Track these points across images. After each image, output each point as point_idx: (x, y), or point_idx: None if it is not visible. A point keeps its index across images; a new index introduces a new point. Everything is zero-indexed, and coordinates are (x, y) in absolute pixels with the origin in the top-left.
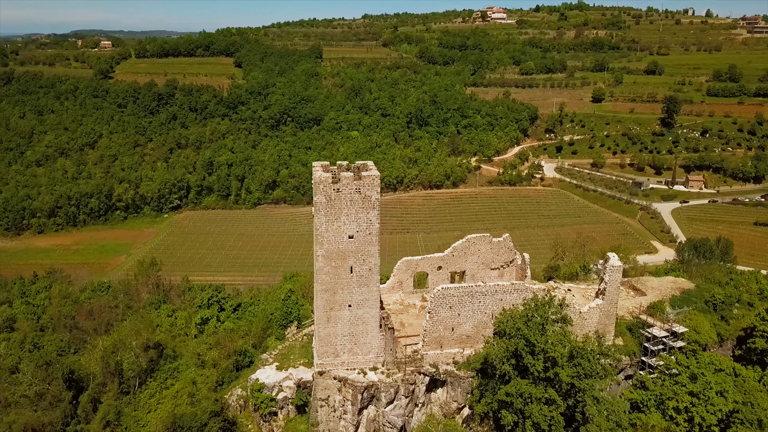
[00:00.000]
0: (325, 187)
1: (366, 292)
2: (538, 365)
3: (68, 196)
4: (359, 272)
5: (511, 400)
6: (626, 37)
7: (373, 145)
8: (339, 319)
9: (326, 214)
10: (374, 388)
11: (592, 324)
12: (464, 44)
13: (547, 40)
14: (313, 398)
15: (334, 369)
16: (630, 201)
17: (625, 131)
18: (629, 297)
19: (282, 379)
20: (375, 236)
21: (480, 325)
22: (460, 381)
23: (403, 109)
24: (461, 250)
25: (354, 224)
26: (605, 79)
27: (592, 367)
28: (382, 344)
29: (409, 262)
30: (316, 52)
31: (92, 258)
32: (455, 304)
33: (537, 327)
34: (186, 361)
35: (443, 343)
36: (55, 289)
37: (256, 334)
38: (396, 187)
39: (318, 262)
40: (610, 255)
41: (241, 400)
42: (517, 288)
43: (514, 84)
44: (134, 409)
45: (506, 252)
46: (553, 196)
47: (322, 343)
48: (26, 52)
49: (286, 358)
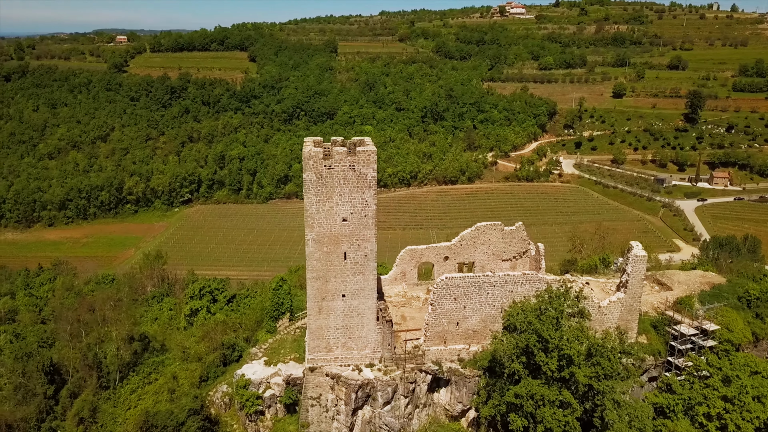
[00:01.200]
0: (315, 163)
1: (361, 281)
2: (551, 364)
3: (79, 189)
4: (354, 259)
5: (521, 402)
6: (648, 32)
7: (386, 140)
8: (332, 310)
9: (317, 194)
10: (370, 387)
11: (612, 320)
12: (482, 39)
13: (567, 35)
14: (304, 397)
15: (326, 365)
16: (652, 198)
17: (647, 127)
18: (653, 291)
19: (270, 375)
20: (371, 219)
21: (488, 319)
22: (466, 380)
23: (418, 103)
24: (470, 239)
25: (348, 205)
26: (626, 74)
27: (612, 366)
28: (380, 338)
29: (413, 252)
30: (330, 47)
31: (101, 251)
32: (460, 295)
33: (551, 321)
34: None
35: (447, 338)
36: (58, 281)
37: (249, 327)
38: (410, 182)
39: (308, 246)
40: (633, 244)
41: (226, 397)
42: (529, 279)
43: (532, 79)
44: (114, 405)
45: (519, 242)
46: (571, 193)
47: (314, 336)
48: (42, 47)
49: (276, 352)
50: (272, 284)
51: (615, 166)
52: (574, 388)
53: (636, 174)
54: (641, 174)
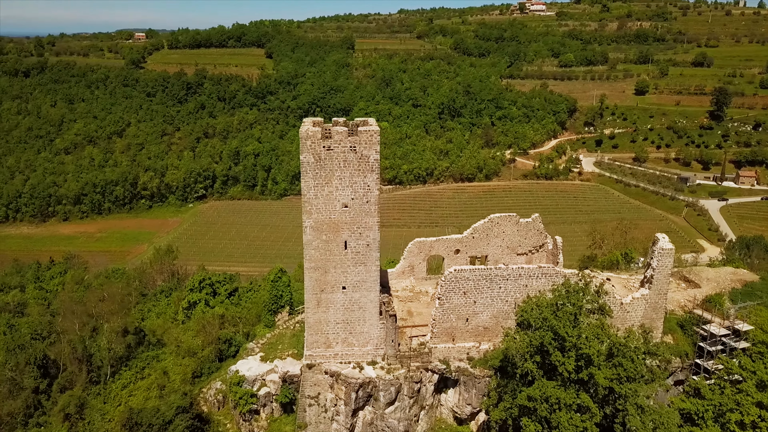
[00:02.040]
0: (313, 144)
1: (363, 272)
2: (568, 364)
3: (94, 184)
4: (355, 248)
5: (534, 405)
6: (672, 28)
7: (402, 136)
8: (331, 303)
9: (315, 177)
10: (372, 386)
11: (635, 318)
12: (501, 36)
13: (588, 32)
14: (301, 395)
15: (325, 362)
16: (675, 197)
17: (670, 124)
18: (680, 289)
19: (265, 372)
20: (374, 205)
21: (500, 315)
22: (475, 381)
23: (435, 99)
24: (483, 231)
25: (348, 190)
26: (649, 71)
27: (636, 368)
28: (383, 334)
29: (422, 244)
30: (348, 43)
31: (114, 246)
32: (470, 289)
33: (568, 318)
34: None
35: (456, 335)
36: (68, 275)
37: (250, 322)
38: (425, 179)
39: (306, 234)
40: (659, 236)
41: (219, 394)
42: (545, 272)
43: (552, 76)
44: (104, 401)
45: (535, 235)
46: (591, 191)
47: (312, 331)
48: (62, 44)
49: (274, 347)
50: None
51: (637, 165)
52: (593, 391)
53: (659, 172)
54: (664, 172)
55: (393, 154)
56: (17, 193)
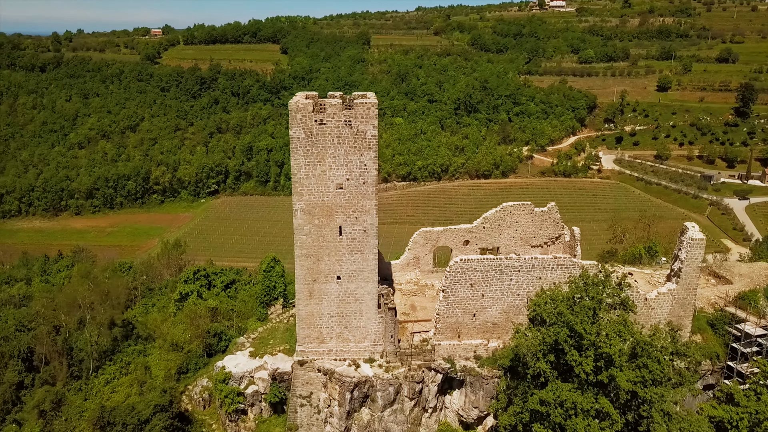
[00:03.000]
0: (304, 118)
1: (359, 261)
2: (586, 365)
3: (106, 178)
4: (351, 234)
5: (547, 410)
6: (696, 24)
7: (417, 132)
8: (325, 295)
9: (306, 155)
10: (368, 386)
11: (661, 315)
12: (519, 32)
13: (609, 28)
14: (292, 395)
15: (318, 359)
16: (698, 196)
17: (693, 121)
18: (709, 285)
19: (254, 369)
20: (371, 187)
21: (510, 310)
22: (483, 382)
23: (451, 95)
24: (494, 221)
25: (343, 169)
26: (672, 67)
27: (662, 370)
28: (381, 329)
29: (429, 234)
30: (363, 39)
31: (125, 240)
32: (478, 281)
33: (586, 313)
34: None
35: (462, 331)
36: (75, 268)
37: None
38: (440, 175)
39: (297, 218)
40: (689, 225)
41: (205, 392)
42: (560, 263)
43: (571, 72)
44: (85, 397)
45: (551, 225)
46: (611, 189)
47: (304, 324)
48: (79, 40)
49: (264, 342)
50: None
51: (659, 162)
52: (614, 395)
53: (681, 170)
54: (687, 170)
55: (407, 150)
56: (30, 187)
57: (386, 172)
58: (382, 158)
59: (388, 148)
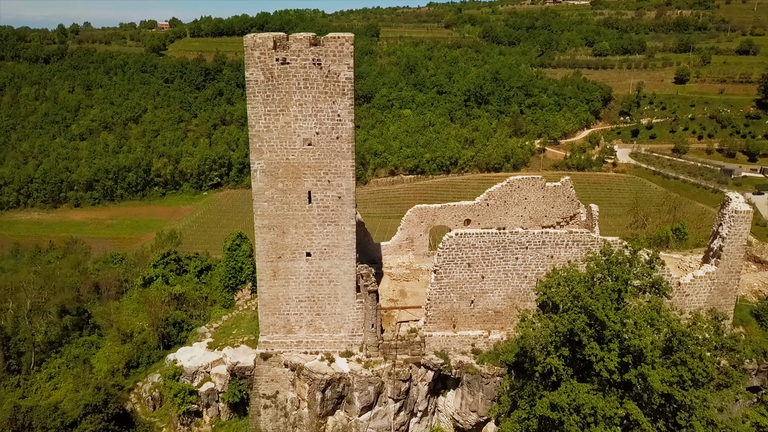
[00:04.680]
0: (263, 56)
1: (333, 234)
2: (609, 360)
3: (106, 170)
4: (322, 201)
5: (559, 417)
6: (715, 17)
7: (426, 124)
8: (292, 275)
9: (266, 102)
10: (343, 384)
11: (696, 303)
12: (532, 25)
13: (625, 20)
14: (254, 394)
15: (285, 351)
16: (718, 190)
17: (713, 114)
18: (749, 271)
19: (211, 363)
20: (346, 143)
21: (516, 295)
22: (482, 381)
23: (461, 86)
24: (500, 197)
25: (312, 120)
26: (690, 59)
27: (705, 368)
28: (360, 317)
29: (424, 212)
30: (373, 31)
31: (124, 233)
32: (477, 260)
33: (609, 296)
34: (110, 333)
35: (458, 320)
36: (65, 259)
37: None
38: (449, 168)
39: (256, 180)
40: (731, 195)
41: (155, 390)
42: (577, 239)
43: (586, 65)
44: (23, 394)
45: (565, 203)
46: (626, 183)
47: (268, 310)
48: (86, 32)
49: (227, 332)
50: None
51: (676, 156)
52: (646, 399)
53: (700, 164)
54: (706, 164)
55: (415, 142)
56: (29, 178)
57: (393, 164)
58: (390, 151)
59: (395, 140)
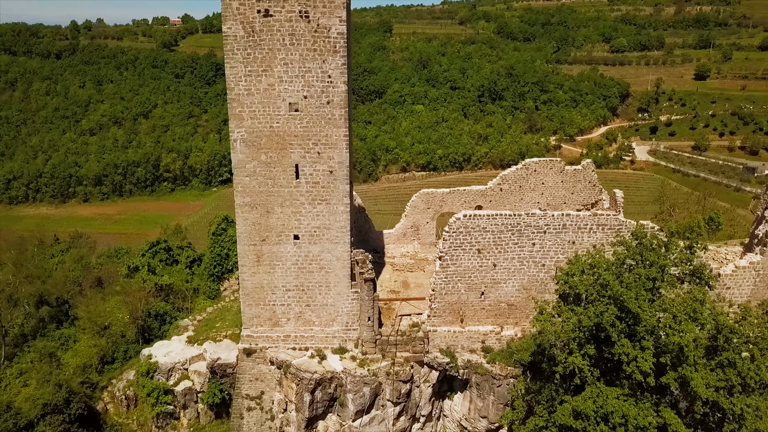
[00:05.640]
0: (242, 6)
1: (325, 214)
2: (643, 360)
3: (115, 165)
4: (311, 176)
5: (584, 426)
6: (735, 12)
7: (438, 120)
8: (278, 260)
9: (246, 61)
10: (335, 385)
11: (738, 297)
12: (548, 21)
13: (643, 16)
14: (237, 394)
15: (271, 346)
16: (740, 188)
17: (735, 110)
18: None
19: (190, 359)
20: (339, 109)
21: (533, 286)
22: (494, 383)
23: (474, 81)
24: (514, 181)
25: (299, 82)
26: (711, 55)
27: (758, 371)
28: (356, 309)
29: (431, 197)
30: (385, 27)
31: (132, 228)
32: (488, 245)
33: (643, 285)
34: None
35: (466, 314)
36: (69, 253)
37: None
38: (462, 165)
39: (236, 152)
40: None
41: (130, 389)
42: (602, 222)
43: (602, 62)
44: None
45: (586, 188)
46: (645, 181)
47: (251, 300)
48: (98, 29)
49: (210, 326)
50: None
51: (697, 153)
52: (685, 406)
53: (722, 162)
54: (728, 162)
55: (427, 138)
56: (38, 173)
57: (405, 161)
58: (401, 147)
59: (407, 136)
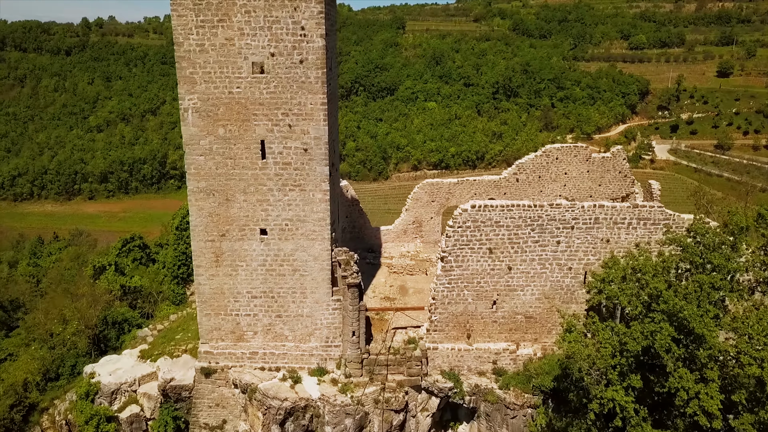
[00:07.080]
0: None
1: (298, 203)
2: (707, 398)
3: (121, 162)
4: (281, 155)
5: None
6: (759, 9)
7: (451, 117)
8: (241, 260)
9: (197, 8)
10: (311, 415)
11: None
12: (565, 18)
13: (663, 13)
14: (194, 424)
15: (235, 365)
16: (766, 189)
17: (760, 108)
18: None
19: (139, 378)
20: (316, 69)
21: (557, 294)
22: (508, 413)
23: (489, 78)
24: (533, 170)
25: (264, 36)
26: (734, 52)
27: None
28: (338, 320)
29: (436, 188)
30: (398, 24)
31: (136, 226)
32: (501, 243)
33: (708, 296)
34: (22, 336)
35: (474, 327)
36: (66, 251)
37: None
38: (475, 163)
39: (187, 124)
40: None
41: (71, 412)
42: (643, 216)
43: (621, 59)
44: None
45: (616, 179)
46: (665, 180)
47: (209, 309)
48: (109, 26)
49: (170, 337)
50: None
51: (719, 152)
52: None
53: (746, 161)
54: (753, 161)
55: (440, 135)
56: (43, 170)
57: (416, 159)
58: (413, 144)
59: (419, 134)
